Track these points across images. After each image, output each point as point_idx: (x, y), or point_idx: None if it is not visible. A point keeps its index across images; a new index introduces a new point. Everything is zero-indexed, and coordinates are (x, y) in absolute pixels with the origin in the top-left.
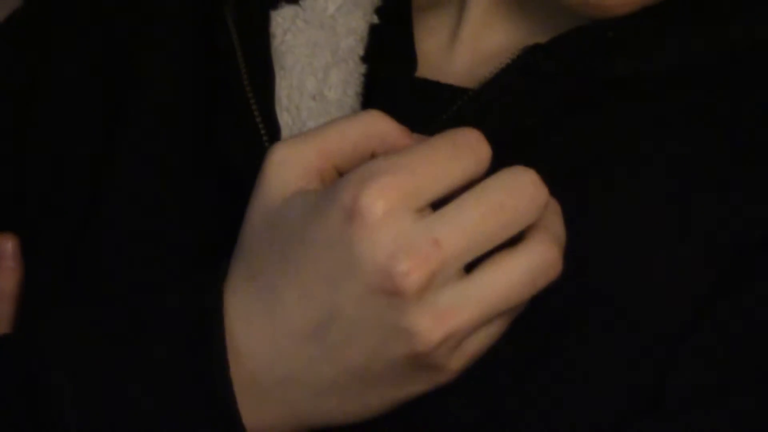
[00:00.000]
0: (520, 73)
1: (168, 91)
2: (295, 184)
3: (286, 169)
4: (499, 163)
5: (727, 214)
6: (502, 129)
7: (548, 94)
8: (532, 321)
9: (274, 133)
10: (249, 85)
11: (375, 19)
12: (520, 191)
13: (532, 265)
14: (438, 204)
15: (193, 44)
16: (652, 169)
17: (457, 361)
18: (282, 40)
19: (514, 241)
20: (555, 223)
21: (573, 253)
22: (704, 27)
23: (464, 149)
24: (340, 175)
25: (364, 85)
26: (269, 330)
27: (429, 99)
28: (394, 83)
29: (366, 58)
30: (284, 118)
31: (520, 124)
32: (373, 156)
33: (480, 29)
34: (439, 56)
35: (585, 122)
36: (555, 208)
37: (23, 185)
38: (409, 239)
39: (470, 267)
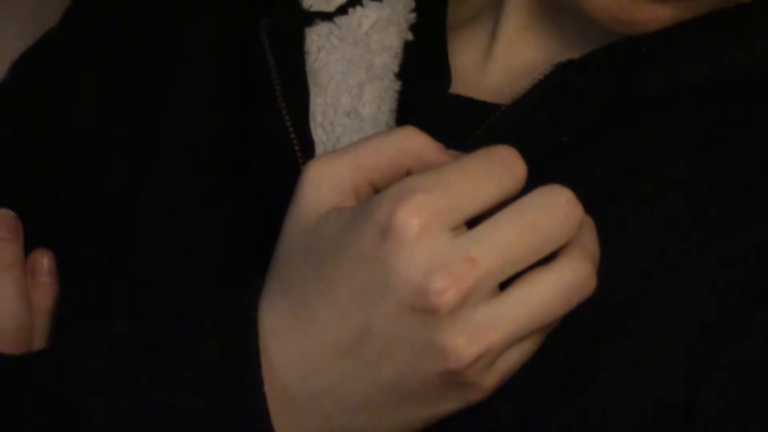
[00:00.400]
0: (553, 89)
1: (202, 107)
2: (330, 200)
3: (322, 186)
4: (531, 179)
5: (758, 233)
6: (534, 145)
7: (580, 111)
8: (561, 334)
9: (308, 150)
10: (283, 101)
11: (409, 36)
12: (556, 210)
13: (566, 283)
14: (473, 221)
15: (227, 61)
16: (682, 187)
17: (490, 379)
18: (316, 57)
19: (548, 257)
20: (589, 240)
21: (605, 268)
22: (737, 41)
23: (499, 167)
24: (376, 191)
25: (398, 101)
26: (303, 345)
27: (462, 115)
28: (429, 100)
29: (400, 75)
30: (318, 135)
31: (553, 140)
32: (408, 173)
33: (514, 45)
34: (473, 72)
35: (617, 139)
36: (589, 224)
37: (59, 201)
38: (444, 257)
39: (504, 284)
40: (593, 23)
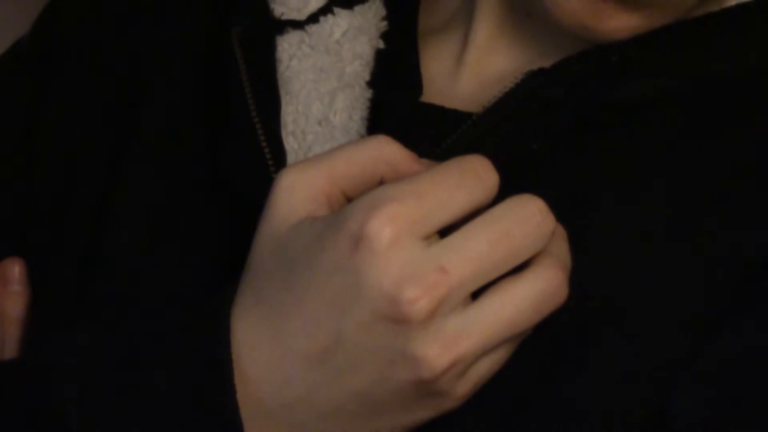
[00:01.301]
0: (524, 97)
1: (173, 115)
2: (302, 209)
3: (294, 195)
4: (503, 187)
5: (731, 239)
6: (505, 153)
7: (552, 119)
8: (534, 342)
9: (279, 158)
10: (255, 109)
11: (381, 44)
12: (527, 219)
13: (538, 292)
14: (446, 231)
15: (199, 68)
16: (654, 194)
17: (463, 387)
18: (288, 66)
19: (520, 266)
20: (561, 249)
21: (578, 276)
22: (707, 50)
23: (471, 176)
24: (349, 200)
25: (369, 110)
26: (276, 354)
27: (434, 124)
28: (400, 108)
29: (372, 83)
30: (290, 143)
31: (524, 148)
32: (381, 182)
33: (485, 54)
34: (445, 81)
35: (589, 146)
36: (561, 234)
37: (31, 210)
38: (416, 267)
39: (477, 292)
40: (562, 31)
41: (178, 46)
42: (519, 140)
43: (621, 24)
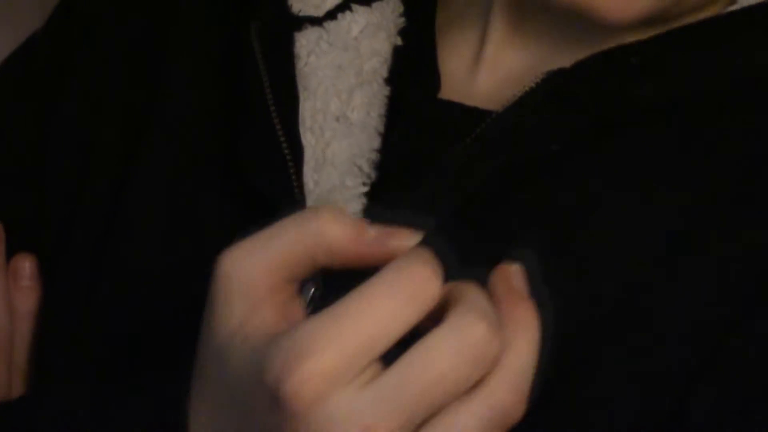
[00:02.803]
0: (544, 97)
1: (192, 108)
2: (239, 314)
3: (232, 291)
4: (524, 188)
5: (749, 239)
6: (524, 153)
7: (571, 119)
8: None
9: (297, 154)
10: (273, 105)
11: (398, 41)
12: (468, 352)
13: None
14: None
15: (217, 63)
16: (674, 194)
17: None
18: (306, 62)
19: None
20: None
21: (596, 277)
22: (729, 51)
23: (407, 294)
24: (292, 281)
25: (387, 106)
26: None
27: (452, 121)
28: (418, 105)
29: (390, 80)
30: (308, 139)
31: (543, 148)
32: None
33: (502, 49)
34: (463, 77)
35: (608, 147)
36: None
37: (42, 207)
38: (339, 428)
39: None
40: (570, 21)
41: (196, 42)
42: (538, 140)
43: (621, 6)
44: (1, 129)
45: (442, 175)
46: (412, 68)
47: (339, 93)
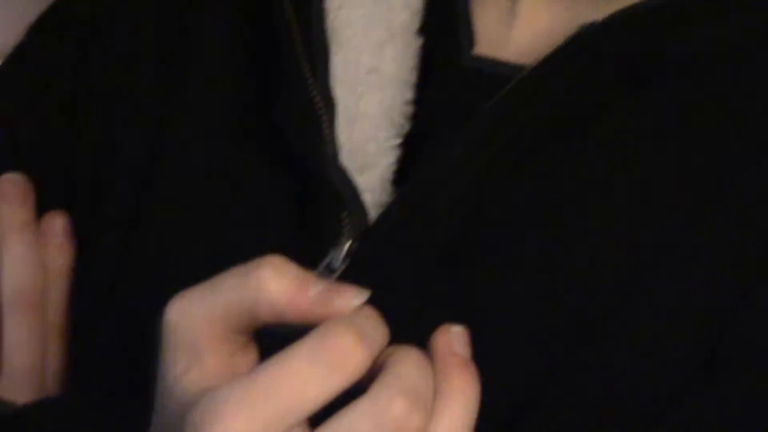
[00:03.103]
0: (577, 51)
1: (221, 67)
2: (182, 363)
3: (177, 339)
4: (554, 143)
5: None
6: (557, 109)
7: (604, 74)
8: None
9: (329, 107)
10: (304, 58)
11: None
12: (386, 429)
13: None
14: None
15: (246, 18)
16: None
17: None
18: (336, 15)
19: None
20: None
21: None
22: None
23: (326, 363)
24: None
25: (420, 59)
26: None
27: (485, 76)
28: (450, 60)
29: (422, 33)
30: (340, 93)
31: (576, 104)
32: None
33: (538, 2)
34: (498, 31)
35: (640, 105)
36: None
37: (74, 168)
38: None
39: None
40: None
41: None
42: (572, 96)
43: None
44: (31, 94)
45: (476, 127)
46: (446, 21)
47: (370, 46)
